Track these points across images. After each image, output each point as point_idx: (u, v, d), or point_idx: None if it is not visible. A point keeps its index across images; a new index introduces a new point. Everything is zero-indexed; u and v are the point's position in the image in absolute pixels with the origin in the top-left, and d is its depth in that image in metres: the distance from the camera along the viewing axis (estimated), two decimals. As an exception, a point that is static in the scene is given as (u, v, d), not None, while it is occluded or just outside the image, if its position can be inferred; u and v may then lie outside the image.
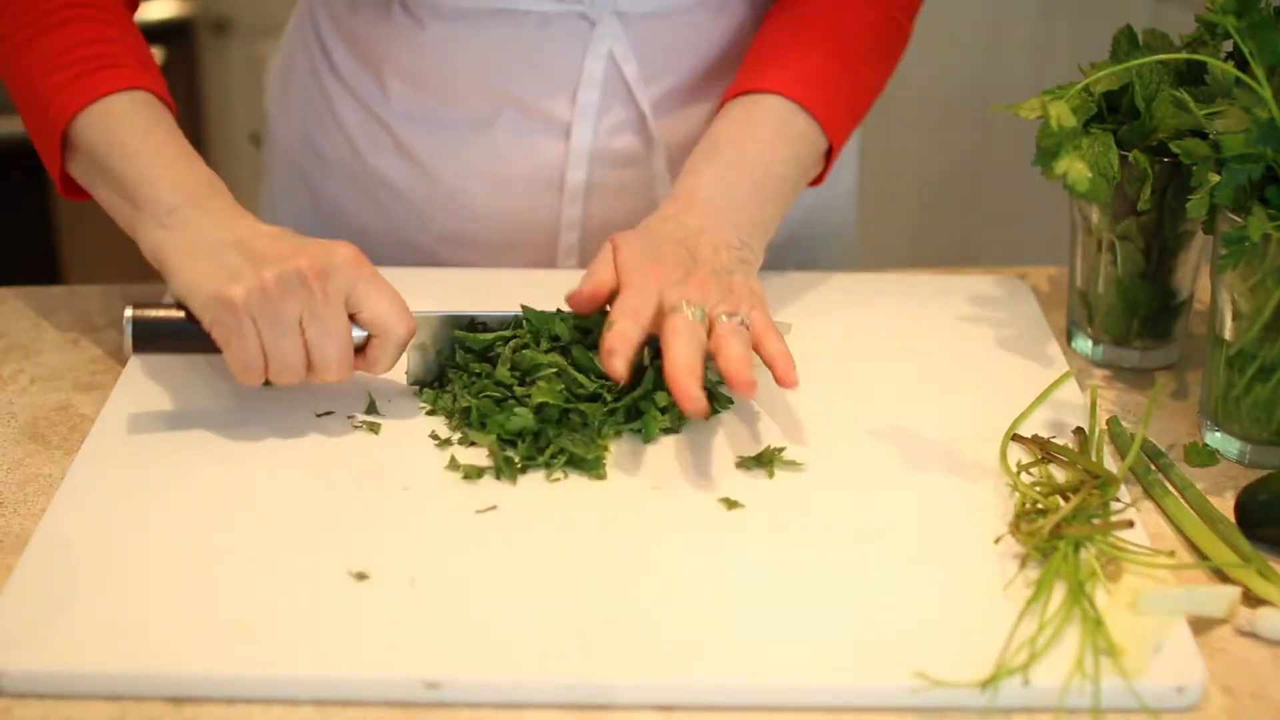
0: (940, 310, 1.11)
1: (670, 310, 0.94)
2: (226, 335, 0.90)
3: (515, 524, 0.87)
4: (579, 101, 1.16)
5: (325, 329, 0.91)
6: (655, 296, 0.95)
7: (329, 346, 0.92)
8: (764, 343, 0.95)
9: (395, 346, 0.94)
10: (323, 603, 0.81)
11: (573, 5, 1.13)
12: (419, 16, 1.14)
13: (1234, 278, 0.92)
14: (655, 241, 0.99)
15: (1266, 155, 0.89)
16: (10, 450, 0.96)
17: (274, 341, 0.90)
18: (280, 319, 0.90)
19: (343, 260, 0.92)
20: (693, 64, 1.18)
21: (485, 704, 0.76)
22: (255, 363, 0.91)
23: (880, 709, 0.76)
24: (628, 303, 0.94)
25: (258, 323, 0.90)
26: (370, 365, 0.95)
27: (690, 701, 0.76)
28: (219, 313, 0.90)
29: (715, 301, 0.96)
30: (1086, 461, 0.91)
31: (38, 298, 1.15)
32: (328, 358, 0.92)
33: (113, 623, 0.79)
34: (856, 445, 0.95)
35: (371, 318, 0.93)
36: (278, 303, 0.90)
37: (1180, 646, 0.78)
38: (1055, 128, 0.95)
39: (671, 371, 0.90)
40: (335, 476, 0.91)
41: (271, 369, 0.91)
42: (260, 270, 0.90)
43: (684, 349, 0.91)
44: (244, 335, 0.90)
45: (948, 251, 2.52)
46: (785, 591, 0.82)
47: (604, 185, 1.19)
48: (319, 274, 0.91)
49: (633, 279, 0.96)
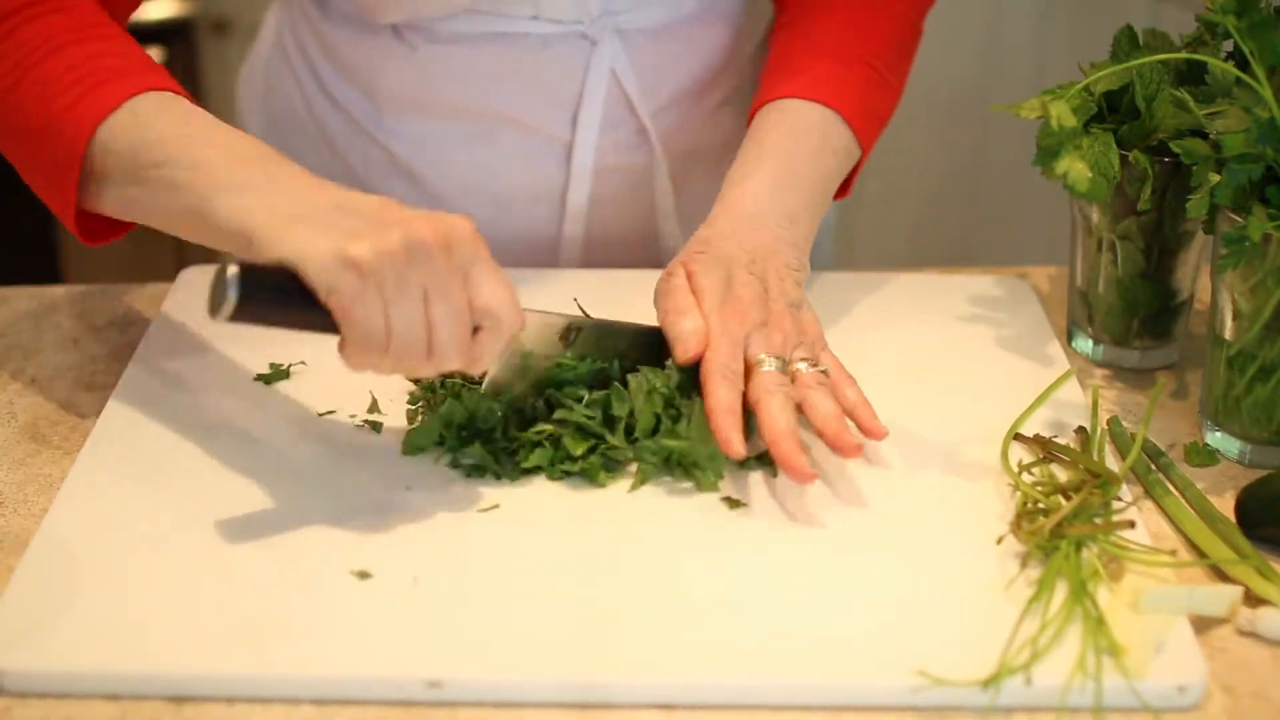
0: (941, 310, 1.11)
1: (754, 364, 0.92)
2: (349, 304, 0.79)
3: (517, 523, 0.87)
4: (581, 119, 1.15)
5: (450, 305, 0.81)
6: (741, 347, 0.93)
7: (453, 326, 0.81)
8: (842, 391, 0.93)
9: (502, 341, 0.85)
10: (324, 602, 0.81)
11: (573, 26, 1.12)
12: (411, 41, 1.13)
13: (1234, 278, 0.92)
14: (728, 271, 0.96)
15: (1267, 155, 0.89)
16: (11, 450, 0.96)
17: (400, 312, 0.80)
18: (407, 287, 0.80)
19: (463, 235, 0.83)
20: (692, 75, 1.18)
21: (486, 703, 0.76)
22: (378, 336, 0.80)
23: (882, 708, 0.76)
24: (719, 361, 0.92)
25: (383, 289, 0.79)
26: (472, 362, 0.84)
27: (691, 700, 0.76)
28: (341, 275, 0.79)
29: (793, 346, 0.94)
30: (1088, 460, 0.91)
31: (38, 298, 1.15)
32: (451, 338, 0.82)
33: (113, 623, 0.79)
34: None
35: (486, 304, 0.83)
36: (405, 269, 0.79)
37: (1182, 646, 0.78)
38: (1055, 127, 0.95)
39: (777, 442, 0.88)
40: (337, 476, 0.91)
41: (393, 346, 0.81)
42: (384, 232, 0.80)
43: (781, 418, 0.89)
44: (368, 303, 0.79)
45: (948, 251, 2.52)
46: (787, 590, 0.82)
47: (606, 200, 1.18)
48: (443, 245, 0.81)
49: (717, 325, 0.94)
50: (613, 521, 0.87)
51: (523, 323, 0.86)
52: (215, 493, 0.89)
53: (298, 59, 1.21)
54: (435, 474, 0.91)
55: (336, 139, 1.19)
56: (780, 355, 0.93)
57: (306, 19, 1.19)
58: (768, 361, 0.93)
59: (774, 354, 0.93)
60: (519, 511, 0.88)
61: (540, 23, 1.11)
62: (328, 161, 1.19)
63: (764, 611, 0.80)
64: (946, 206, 2.51)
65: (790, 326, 0.95)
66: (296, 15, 1.20)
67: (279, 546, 0.85)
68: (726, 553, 0.85)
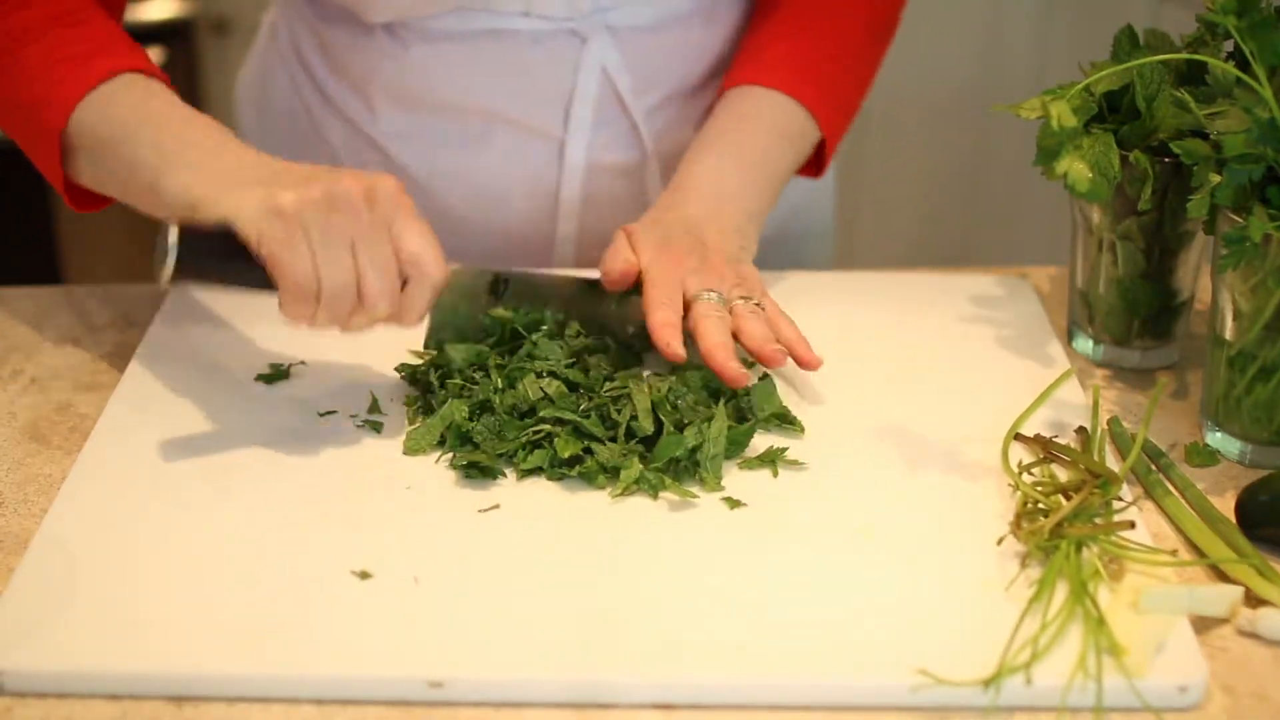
0: (941, 310, 1.11)
1: (693, 298, 0.98)
2: (277, 250, 0.85)
3: (518, 523, 0.87)
4: (573, 117, 1.15)
5: (374, 254, 0.86)
6: (679, 285, 0.99)
7: (379, 274, 0.86)
8: (779, 327, 1.00)
9: (430, 291, 0.89)
10: (325, 601, 0.81)
11: (564, 23, 1.13)
12: (403, 38, 1.13)
13: (1235, 278, 0.92)
14: (665, 231, 1.03)
15: (1267, 155, 0.89)
16: (11, 450, 0.96)
17: (327, 257, 0.85)
18: (332, 234, 0.85)
19: (388, 189, 0.88)
20: (684, 74, 1.18)
21: (487, 703, 0.76)
22: (308, 282, 0.85)
23: (882, 707, 0.76)
24: (658, 294, 0.98)
25: (310, 235, 0.85)
26: (402, 313, 0.89)
27: (691, 700, 0.76)
28: (270, 223, 0.84)
29: (730, 286, 1.00)
30: (1089, 460, 0.91)
31: (38, 298, 1.15)
32: (379, 287, 0.86)
33: (113, 623, 0.79)
34: (858, 444, 0.95)
35: (412, 254, 0.88)
36: (328, 216, 0.85)
37: (1182, 646, 0.78)
38: (1056, 128, 0.95)
39: (711, 352, 0.95)
40: (338, 475, 0.91)
41: (324, 295, 0.86)
42: (310, 185, 0.86)
43: (716, 333, 0.96)
44: (295, 249, 0.85)
45: (948, 251, 2.52)
46: (787, 590, 0.82)
47: (598, 198, 1.19)
48: (366, 196, 0.86)
49: (654, 270, 1.00)
50: (613, 521, 0.87)
51: (447, 272, 0.90)
52: (215, 493, 0.89)
53: (294, 61, 1.21)
54: (435, 474, 0.91)
55: (332, 141, 1.19)
56: (718, 290, 0.99)
57: (302, 19, 1.19)
58: (706, 295, 0.98)
59: (712, 291, 0.99)
60: (519, 511, 0.88)
61: (531, 19, 1.12)
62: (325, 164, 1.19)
63: (764, 611, 0.80)
64: (946, 206, 2.51)
65: (728, 272, 1.01)
66: (293, 17, 1.20)
67: (279, 546, 0.85)
68: (726, 553, 0.85)
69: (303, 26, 1.19)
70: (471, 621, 0.79)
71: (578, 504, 0.89)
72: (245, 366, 1.02)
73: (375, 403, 0.98)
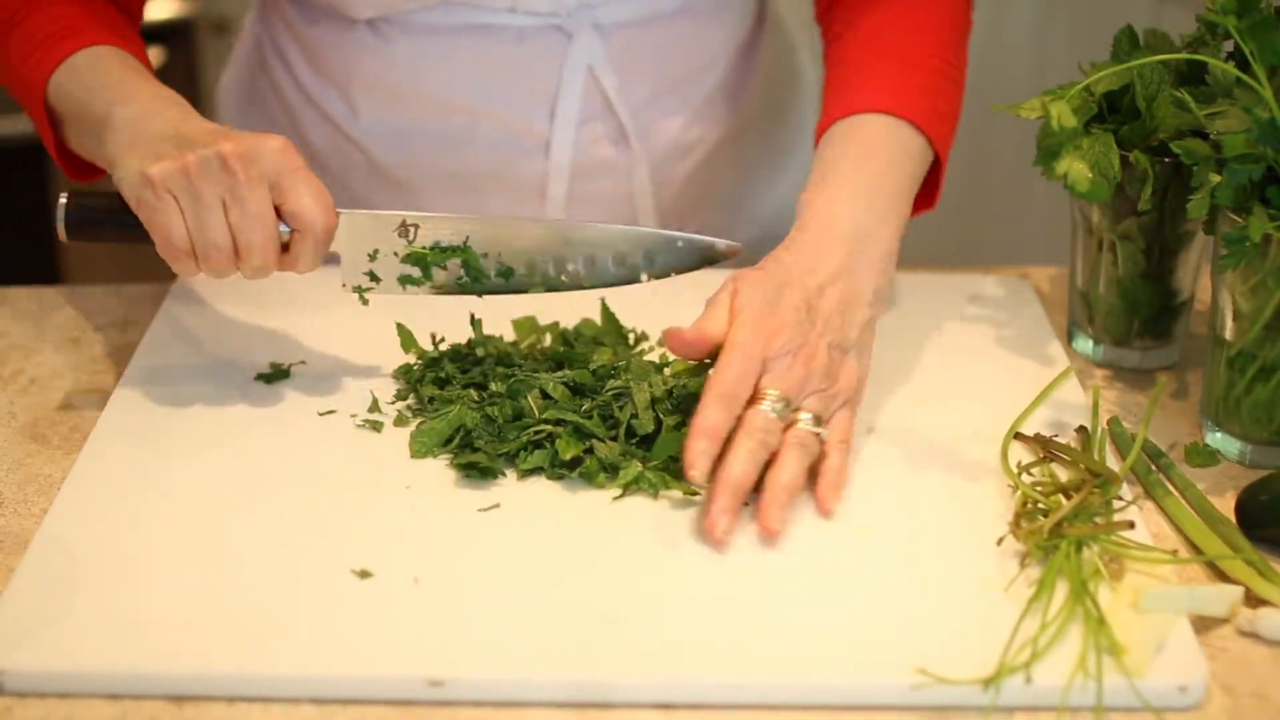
0: (941, 310, 1.11)
1: (758, 396, 0.88)
2: (150, 214, 0.91)
3: (517, 522, 0.87)
4: (558, 114, 1.15)
5: (246, 211, 0.90)
6: (756, 369, 0.88)
7: (252, 229, 0.91)
8: (828, 455, 0.90)
9: (316, 242, 0.92)
10: (325, 601, 0.81)
11: (549, 19, 1.12)
12: (385, 33, 1.13)
13: (1234, 278, 0.92)
14: (778, 294, 0.91)
15: (1267, 155, 0.89)
16: (10, 450, 0.96)
17: (196, 218, 0.90)
18: (199, 197, 0.90)
19: (270, 149, 0.91)
20: (671, 73, 1.18)
21: (487, 702, 0.76)
22: (179, 239, 0.91)
23: (882, 707, 0.76)
24: (726, 377, 0.88)
25: (179, 199, 0.90)
26: (292, 261, 0.93)
27: (691, 700, 0.76)
28: (141, 191, 0.91)
29: (807, 393, 0.90)
30: (1089, 460, 0.91)
31: (38, 298, 1.15)
32: (251, 241, 0.91)
33: (113, 623, 0.79)
34: (858, 444, 0.95)
35: (293, 210, 0.91)
36: (196, 181, 0.90)
37: (1182, 646, 0.78)
38: (1056, 128, 0.95)
39: (718, 490, 0.86)
40: (337, 475, 0.91)
41: (198, 248, 0.91)
42: (185, 153, 0.91)
43: (738, 465, 0.86)
44: (166, 213, 0.90)
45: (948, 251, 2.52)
46: (787, 590, 0.82)
47: (584, 196, 1.18)
48: (242, 158, 0.90)
49: (740, 339, 0.89)
50: (613, 521, 0.87)
51: (335, 221, 0.93)
52: (215, 493, 0.89)
53: (276, 64, 1.21)
54: (435, 474, 0.91)
55: (316, 144, 1.19)
56: (789, 397, 0.89)
57: (284, 21, 1.19)
58: (769, 400, 0.88)
59: (783, 393, 0.88)
60: (519, 511, 0.88)
61: (517, 15, 1.11)
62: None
63: (764, 611, 0.80)
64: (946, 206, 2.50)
65: (819, 366, 0.90)
66: (274, 18, 1.20)
67: (279, 546, 0.85)
68: (726, 553, 0.85)
69: (284, 28, 1.19)
70: (471, 621, 0.79)
71: (578, 504, 0.89)
72: (245, 366, 1.02)
73: (375, 403, 0.98)
